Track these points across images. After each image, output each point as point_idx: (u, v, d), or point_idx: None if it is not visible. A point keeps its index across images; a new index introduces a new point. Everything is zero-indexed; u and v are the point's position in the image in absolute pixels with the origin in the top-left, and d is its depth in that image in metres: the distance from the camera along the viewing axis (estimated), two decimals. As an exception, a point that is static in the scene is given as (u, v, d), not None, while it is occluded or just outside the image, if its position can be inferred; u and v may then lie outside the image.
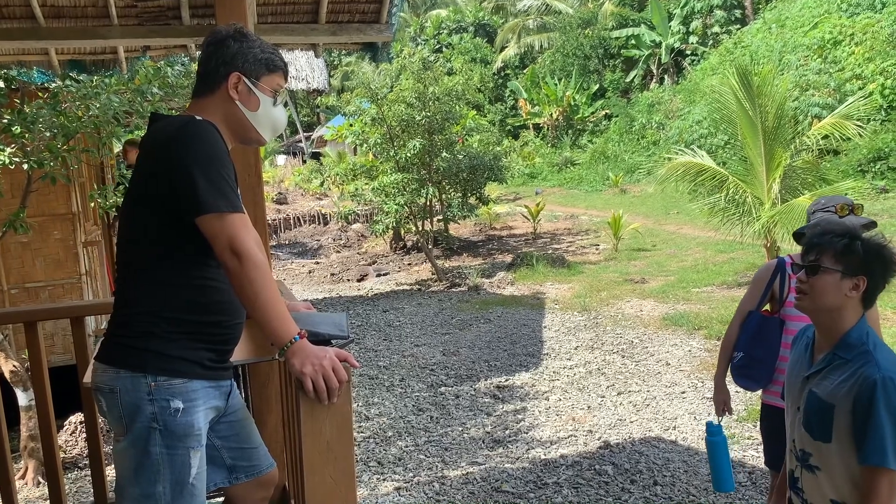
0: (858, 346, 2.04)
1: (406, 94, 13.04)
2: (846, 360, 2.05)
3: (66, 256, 6.66)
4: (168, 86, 5.46)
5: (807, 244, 2.16)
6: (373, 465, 5.36)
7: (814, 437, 2.10)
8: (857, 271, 2.04)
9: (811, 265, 2.10)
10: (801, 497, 2.20)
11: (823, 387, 2.08)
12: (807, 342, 2.26)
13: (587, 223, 16.99)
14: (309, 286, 13.74)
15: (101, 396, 1.85)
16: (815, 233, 2.16)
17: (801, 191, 9.45)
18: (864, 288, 2.05)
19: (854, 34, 18.41)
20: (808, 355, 2.21)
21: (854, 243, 2.06)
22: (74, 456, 5.69)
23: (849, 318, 2.08)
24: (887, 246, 2.08)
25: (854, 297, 2.06)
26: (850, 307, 2.08)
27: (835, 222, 2.15)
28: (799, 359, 2.26)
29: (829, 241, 2.08)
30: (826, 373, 2.09)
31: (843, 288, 2.05)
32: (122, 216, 1.92)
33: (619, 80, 28.51)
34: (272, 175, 26.47)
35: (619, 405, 6.24)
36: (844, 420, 2.00)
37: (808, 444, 2.13)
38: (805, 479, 2.18)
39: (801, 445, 2.17)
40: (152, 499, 1.80)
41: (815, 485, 2.13)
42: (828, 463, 2.08)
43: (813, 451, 2.12)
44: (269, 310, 1.71)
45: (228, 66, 1.91)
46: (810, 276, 2.10)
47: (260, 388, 3.02)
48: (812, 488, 2.15)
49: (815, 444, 2.10)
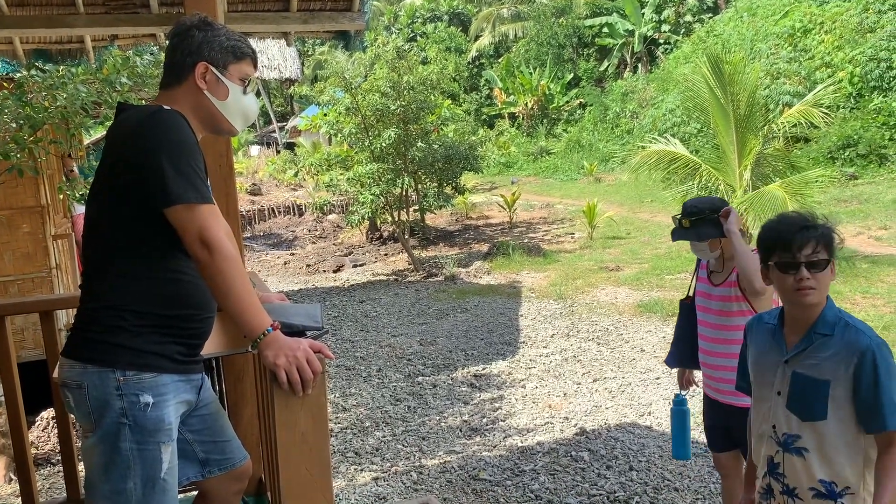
0: (836, 321, 2.08)
1: (380, 83, 12.97)
2: (829, 336, 2.07)
3: (35, 250, 6.55)
4: (137, 75, 5.35)
5: (793, 240, 2.09)
6: (350, 455, 5.35)
7: (803, 418, 2.10)
8: (833, 255, 2.10)
9: (817, 261, 2.06)
10: (782, 482, 2.19)
11: (810, 366, 2.09)
12: (769, 330, 2.26)
13: (562, 212, 17.06)
14: (284, 278, 13.66)
15: (68, 392, 1.81)
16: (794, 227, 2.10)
17: (772, 178, 9.57)
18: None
19: (824, 22, 18.63)
20: (776, 341, 2.21)
21: (827, 229, 2.10)
22: (47, 452, 5.61)
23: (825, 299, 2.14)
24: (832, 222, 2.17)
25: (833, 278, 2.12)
26: None
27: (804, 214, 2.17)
28: (766, 345, 2.26)
29: (820, 233, 2.09)
30: (809, 352, 2.10)
31: (832, 274, 2.10)
32: (89, 208, 1.88)
33: (593, 69, 28.62)
34: (246, 166, 26.21)
35: (594, 392, 6.29)
36: (842, 393, 2.03)
37: (796, 427, 2.12)
38: (788, 464, 2.17)
39: (785, 429, 2.15)
40: (123, 495, 1.77)
41: (802, 467, 2.13)
42: (821, 441, 2.08)
43: (801, 433, 2.11)
44: (241, 302, 1.69)
45: (194, 55, 1.88)
46: (814, 272, 2.06)
47: (235, 381, 3.00)
48: (796, 472, 2.14)
49: (806, 424, 2.10)
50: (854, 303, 7.73)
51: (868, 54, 16.69)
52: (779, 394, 2.18)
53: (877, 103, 15.92)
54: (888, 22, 17.02)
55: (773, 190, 8.72)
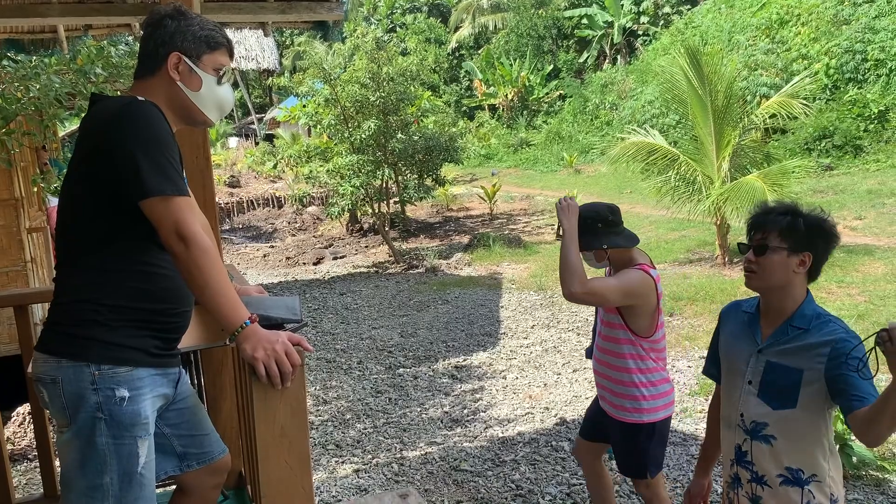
0: (814, 316, 2.09)
1: (360, 74, 12.89)
2: (804, 330, 2.09)
3: (9, 243, 6.45)
4: (112, 66, 5.28)
5: (751, 224, 2.18)
6: (331, 447, 5.35)
7: (773, 407, 2.13)
8: (802, 247, 2.08)
9: (759, 245, 2.12)
10: (751, 469, 2.21)
11: (785, 355, 2.11)
12: (745, 318, 2.27)
13: (542, 203, 17.11)
14: (264, 270, 13.58)
15: (42, 387, 1.79)
16: (758, 212, 2.19)
17: (749, 169, 9.66)
18: (809, 263, 2.10)
19: (800, 14, 18.80)
20: (752, 330, 2.23)
21: (797, 220, 2.09)
22: (23, 447, 5.55)
23: (798, 293, 2.13)
24: (827, 220, 2.13)
25: (801, 272, 2.11)
26: (798, 282, 2.12)
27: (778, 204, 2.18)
28: (739, 334, 2.27)
29: (773, 220, 2.11)
30: (784, 342, 2.12)
31: (791, 265, 2.09)
32: (62, 200, 1.85)
33: (572, 61, 28.68)
34: (224, 158, 26.00)
35: (574, 382, 6.33)
36: (813, 382, 2.04)
37: (764, 415, 2.15)
38: (756, 451, 2.19)
39: (754, 417, 2.18)
40: (99, 490, 1.75)
41: (770, 455, 2.15)
42: (788, 429, 2.11)
43: (770, 421, 2.14)
44: (218, 295, 1.67)
45: (167, 46, 1.85)
46: (758, 256, 2.12)
47: (214, 375, 2.98)
48: (764, 459, 2.17)
49: (776, 413, 2.12)
50: (829, 292, 7.84)
51: (844, 46, 16.88)
52: (749, 382, 2.20)
53: (852, 95, 16.11)
54: (863, 14, 17.22)
55: (750, 181, 8.80)
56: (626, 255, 3.02)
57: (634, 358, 2.99)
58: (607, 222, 2.98)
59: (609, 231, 2.98)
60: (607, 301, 2.93)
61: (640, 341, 2.97)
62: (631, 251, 3.02)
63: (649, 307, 2.92)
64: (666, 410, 3.05)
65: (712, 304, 7.86)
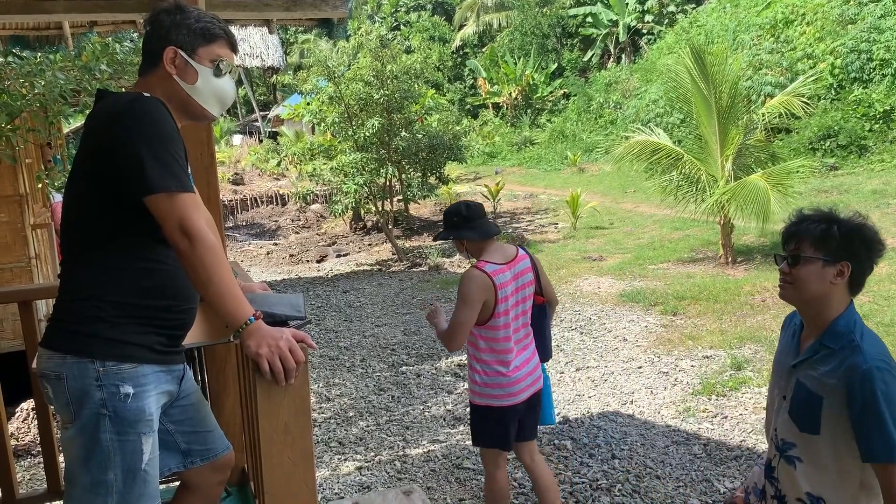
0: (846, 334, 1.94)
1: (364, 72, 12.90)
2: (832, 350, 1.94)
3: (14, 240, 6.47)
4: (117, 63, 5.28)
5: (785, 233, 2.06)
6: (334, 445, 5.35)
7: (801, 429, 2.00)
8: (840, 257, 1.94)
9: (792, 255, 2.00)
10: (776, 487, 2.13)
11: (811, 377, 1.98)
12: (794, 330, 2.16)
13: (546, 202, 17.09)
14: (267, 268, 13.60)
15: (47, 383, 1.79)
16: (792, 220, 2.07)
17: (753, 168, 9.64)
18: (849, 273, 1.95)
19: (805, 14, 18.74)
20: (794, 343, 2.12)
21: (831, 227, 1.96)
22: (27, 443, 5.57)
23: (836, 306, 1.98)
24: (867, 225, 1.98)
25: (840, 283, 1.96)
26: (837, 294, 1.97)
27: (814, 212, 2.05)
28: (786, 347, 2.17)
29: (806, 229, 1.99)
30: (813, 363, 1.99)
31: (827, 275, 1.95)
32: (67, 196, 1.85)
33: (577, 60, 28.64)
34: (228, 155, 26.00)
35: (577, 381, 6.33)
36: (835, 413, 1.90)
37: (793, 435, 2.04)
38: (782, 470, 2.09)
39: (784, 435, 2.07)
40: (103, 486, 1.75)
41: (792, 477, 2.04)
42: (814, 455, 1.98)
43: (797, 443, 2.02)
44: (223, 291, 1.67)
45: (163, 40, 1.86)
46: (792, 267, 1.99)
47: (217, 371, 2.98)
48: (788, 480, 2.07)
49: (802, 435, 2.00)
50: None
51: (849, 46, 16.81)
52: (784, 398, 2.09)
53: (857, 94, 16.05)
54: (868, 14, 17.15)
55: (754, 180, 8.78)
56: (478, 247, 3.31)
57: (471, 344, 3.33)
58: (462, 217, 3.30)
59: (463, 224, 3.29)
60: (467, 321, 3.19)
61: (476, 329, 3.27)
62: (483, 243, 3.30)
63: (490, 302, 3.20)
64: (498, 400, 3.27)
65: (715, 304, 7.85)
